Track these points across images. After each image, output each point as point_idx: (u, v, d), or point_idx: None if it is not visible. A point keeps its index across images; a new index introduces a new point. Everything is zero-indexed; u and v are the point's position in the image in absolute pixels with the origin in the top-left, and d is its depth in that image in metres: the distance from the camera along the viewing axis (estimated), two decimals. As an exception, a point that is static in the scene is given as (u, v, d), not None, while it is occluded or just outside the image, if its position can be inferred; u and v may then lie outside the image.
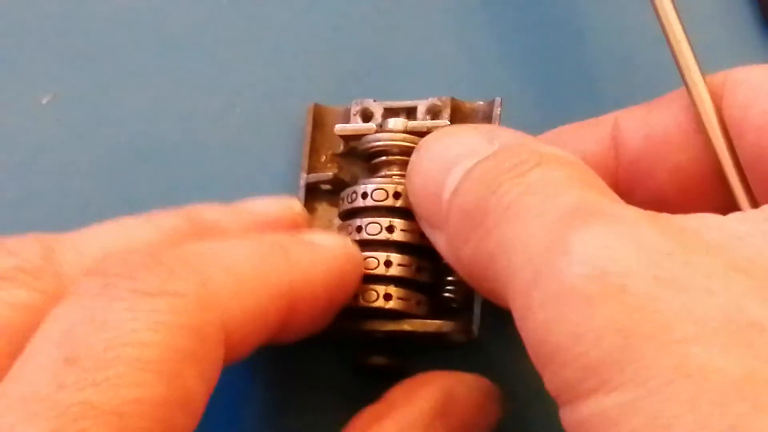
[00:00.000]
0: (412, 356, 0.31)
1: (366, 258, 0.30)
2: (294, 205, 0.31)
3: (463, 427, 0.28)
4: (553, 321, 0.21)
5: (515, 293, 0.23)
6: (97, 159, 0.35)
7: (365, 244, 0.30)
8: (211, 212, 0.29)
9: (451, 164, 0.26)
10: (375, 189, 0.30)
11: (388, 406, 0.28)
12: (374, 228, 0.30)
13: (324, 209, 0.33)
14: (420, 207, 0.28)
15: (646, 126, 0.29)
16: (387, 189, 0.30)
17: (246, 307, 0.25)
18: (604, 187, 0.24)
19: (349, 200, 0.31)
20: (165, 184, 0.35)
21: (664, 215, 0.23)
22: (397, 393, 0.29)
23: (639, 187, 0.29)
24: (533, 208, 0.23)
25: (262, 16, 0.36)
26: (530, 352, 0.23)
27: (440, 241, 0.27)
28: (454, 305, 0.31)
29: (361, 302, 0.30)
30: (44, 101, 0.36)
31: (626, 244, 0.21)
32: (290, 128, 0.35)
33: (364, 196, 0.30)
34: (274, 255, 0.27)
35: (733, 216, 0.23)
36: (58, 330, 0.23)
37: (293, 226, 0.30)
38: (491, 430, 0.29)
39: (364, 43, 0.36)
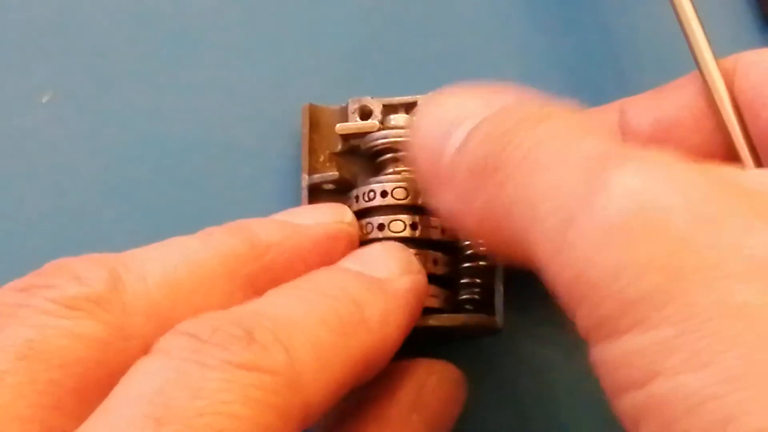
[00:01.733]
0: (433, 348, 0.31)
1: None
2: (345, 215, 0.30)
3: (437, 416, 0.29)
4: (591, 257, 0.21)
5: (543, 238, 0.22)
6: (96, 158, 0.35)
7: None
8: (267, 232, 0.28)
9: (453, 126, 0.26)
10: (395, 187, 0.31)
11: (365, 403, 0.29)
12: (398, 225, 0.30)
13: (325, 208, 0.33)
14: (421, 168, 0.27)
15: (656, 111, 0.29)
16: (407, 187, 0.31)
17: (327, 386, 0.25)
18: (619, 137, 0.25)
19: (366, 198, 0.31)
20: (165, 183, 0.35)
21: (699, 163, 0.23)
22: (372, 388, 0.29)
23: None
24: (554, 154, 0.23)
25: (260, 15, 0.36)
26: (561, 292, 0.22)
27: (444, 201, 0.27)
28: (470, 307, 0.31)
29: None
30: (44, 100, 0.35)
31: (666, 182, 0.21)
32: (285, 128, 0.35)
33: (384, 194, 0.31)
34: (352, 319, 0.26)
35: (764, 170, 0.23)
36: (151, 387, 0.22)
37: (348, 240, 0.30)
38: (459, 414, 0.30)
39: (353, 43, 0.36)
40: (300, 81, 0.35)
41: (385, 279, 0.28)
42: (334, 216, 0.30)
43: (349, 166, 0.33)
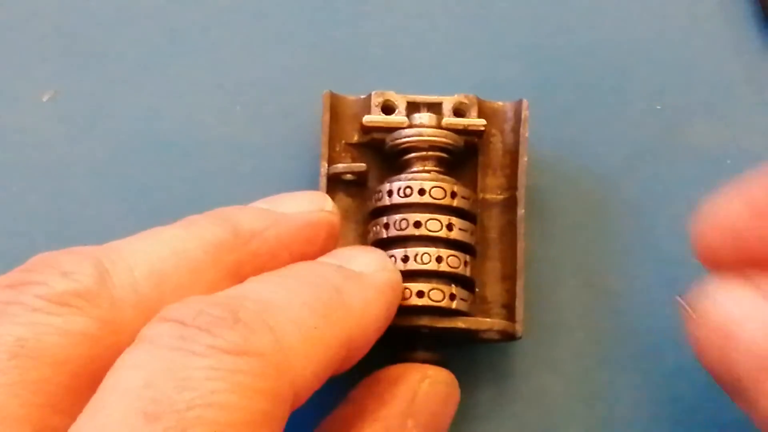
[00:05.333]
0: (449, 349, 0.32)
1: (422, 253, 0.30)
2: (326, 204, 0.30)
3: (431, 421, 0.29)
4: None
5: None
6: (98, 157, 0.34)
7: (423, 240, 0.31)
8: (250, 220, 0.28)
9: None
10: (433, 186, 0.31)
11: (359, 410, 0.29)
12: (435, 225, 0.31)
13: (341, 199, 0.33)
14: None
15: None
16: (445, 188, 0.31)
17: (313, 367, 0.25)
18: None
19: (402, 194, 0.31)
20: (167, 181, 0.34)
21: None
22: (365, 393, 0.29)
23: None
24: None
25: (265, 10, 0.36)
26: None
27: None
28: None
29: (429, 301, 0.30)
30: (45, 99, 0.34)
31: None
32: (291, 120, 0.34)
33: (422, 192, 0.31)
34: (333, 303, 0.26)
35: None
36: (138, 381, 0.22)
37: (329, 228, 0.30)
38: (453, 417, 0.30)
39: (361, 36, 0.36)
40: (310, 74, 0.35)
41: (363, 272, 0.28)
42: (316, 204, 0.30)
43: (362, 158, 0.33)
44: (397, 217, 0.31)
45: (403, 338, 0.31)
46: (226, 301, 0.24)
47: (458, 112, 0.32)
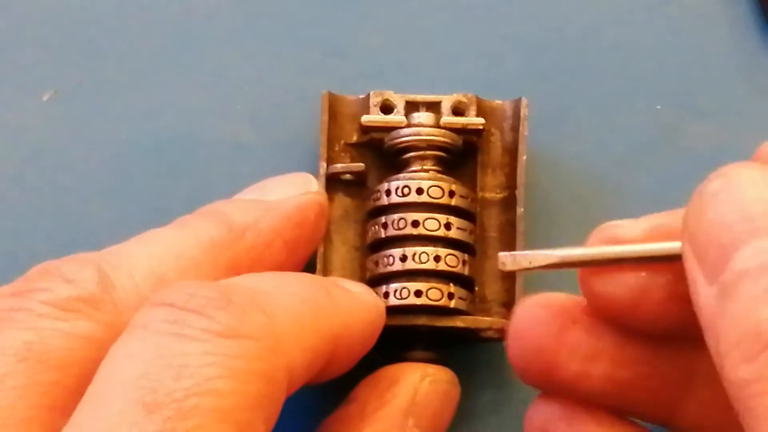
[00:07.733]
0: (449, 348, 0.32)
1: (420, 252, 0.31)
2: (312, 185, 0.31)
3: (432, 420, 0.29)
4: None
5: None
6: (98, 157, 0.34)
7: (421, 239, 0.31)
8: (241, 214, 0.29)
9: (744, 232, 0.22)
10: (431, 186, 0.31)
11: (360, 409, 0.29)
12: (432, 224, 0.31)
13: (340, 199, 0.33)
14: (698, 254, 0.24)
15: None
16: (443, 187, 0.31)
17: (304, 353, 0.25)
18: None
19: (400, 194, 0.31)
20: (167, 181, 0.34)
21: None
22: (366, 393, 0.29)
23: None
24: None
25: (263, 10, 0.36)
26: None
27: (707, 296, 0.23)
28: None
29: (427, 300, 0.30)
30: (45, 98, 0.35)
31: None
32: (290, 120, 0.34)
33: (420, 191, 0.31)
34: (321, 299, 0.27)
35: None
36: (135, 370, 0.22)
37: (318, 209, 0.30)
38: (453, 416, 0.30)
39: (360, 36, 0.36)
40: (308, 75, 0.35)
41: (351, 289, 0.29)
42: (303, 186, 0.30)
43: (361, 158, 0.33)
44: (395, 216, 0.31)
45: (402, 338, 0.31)
46: (217, 285, 0.24)
47: (457, 111, 0.32)
